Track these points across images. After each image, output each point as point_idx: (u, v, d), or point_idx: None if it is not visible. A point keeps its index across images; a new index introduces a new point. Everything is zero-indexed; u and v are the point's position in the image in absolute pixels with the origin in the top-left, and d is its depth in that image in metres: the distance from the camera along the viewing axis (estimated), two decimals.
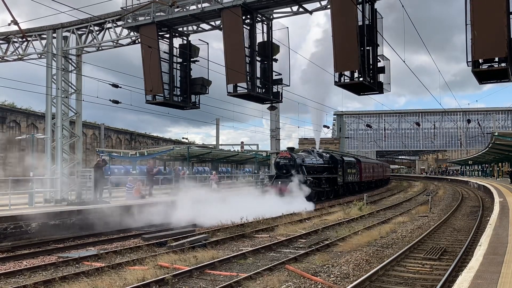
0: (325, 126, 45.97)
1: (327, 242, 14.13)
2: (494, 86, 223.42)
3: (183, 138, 78.95)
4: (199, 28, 19.39)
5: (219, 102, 24.54)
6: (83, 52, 21.48)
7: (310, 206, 24.50)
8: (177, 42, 19.44)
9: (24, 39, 21.00)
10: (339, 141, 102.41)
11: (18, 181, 21.55)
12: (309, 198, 26.42)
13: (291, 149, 30.61)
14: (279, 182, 27.52)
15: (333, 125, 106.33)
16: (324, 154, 34.73)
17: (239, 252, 12.43)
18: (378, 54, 15.35)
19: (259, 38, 17.53)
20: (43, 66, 20.71)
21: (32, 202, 18.40)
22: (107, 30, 19.91)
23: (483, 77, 13.67)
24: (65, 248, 13.91)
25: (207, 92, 19.36)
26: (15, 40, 21.31)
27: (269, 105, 19.65)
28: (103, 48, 20.89)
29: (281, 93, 18.25)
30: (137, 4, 17.98)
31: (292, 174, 27.58)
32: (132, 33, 19.46)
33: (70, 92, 20.97)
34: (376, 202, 30.34)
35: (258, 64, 17.41)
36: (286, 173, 27.97)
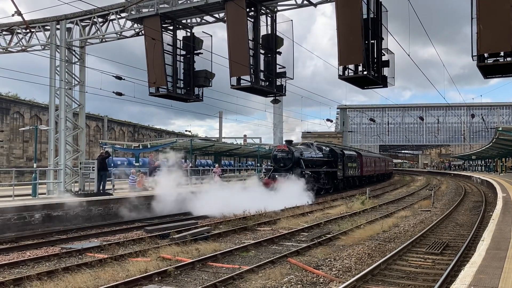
0: (328, 120, 45.92)
1: (330, 235, 14.14)
2: (501, 81, 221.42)
3: (186, 130, 79.04)
4: (203, 21, 19.31)
5: (222, 94, 24.48)
6: (87, 43, 21.45)
7: (307, 200, 24.29)
8: (180, 34, 19.36)
9: (27, 30, 20.97)
10: (342, 135, 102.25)
11: (21, 172, 21.64)
12: (306, 192, 26.16)
13: (289, 142, 30.24)
14: (276, 176, 27.08)
15: (337, 119, 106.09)
16: (323, 147, 34.48)
17: (241, 245, 12.46)
18: (383, 47, 15.26)
19: (263, 31, 17.43)
20: (47, 57, 20.70)
21: (36, 193, 18.48)
22: (110, 22, 19.84)
23: (488, 71, 13.58)
24: (68, 239, 13.99)
25: (210, 84, 19.31)
26: (18, 31, 21.29)
27: (272, 98, 19.58)
28: (106, 40, 20.83)
29: (285, 86, 18.18)
30: None
31: (290, 168, 27.30)
32: (135, 25, 19.40)
33: (73, 84, 20.96)
34: (378, 196, 30.32)
35: (261, 57, 17.32)
36: (284, 166, 27.63)
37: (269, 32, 17.69)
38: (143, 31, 18.81)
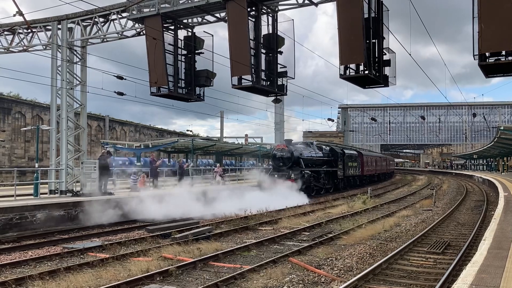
0: (329, 119, 45.89)
1: (331, 235, 14.14)
2: (502, 80, 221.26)
3: (187, 130, 78.97)
4: (204, 20, 19.30)
5: (223, 94, 24.48)
6: (88, 43, 21.46)
7: (305, 200, 24.18)
8: (181, 34, 19.36)
9: (29, 30, 20.97)
10: (344, 135, 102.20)
11: (22, 172, 21.58)
12: (306, 191, 26.06)
13: (289, 141, 30.14)
14: (275, 175, 26.92)
15: (338, 118, 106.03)
16: (323, 146, 34.43)
17: (243, 245, 12.47)
18: (384, 47, 15.24)
19: (264, 30, 17.41)
20: (48, 57, 20.71)
21: (37, 193, 18.50)
22: (112, 22, 19.83)
23: (489, 70, 13.55)
24: (70, 239, 14.01)
25: (211, 84, 19.30)
26: (20, 31, 21.30)
27: (273, 97, 19.57)
28: (108, 39, 20.83)
29: (286, 86, 18.16)
30: None
31: (289, 167, 27.21)
32: (137, 25, 19.39)
33: (75, 84, 20.97)
34: (379, 196, 30.31)
35: (263, 56, 17.31)
36: (283, 166, 27.54)
37: (270, 31, 17.68)
38: (144, 31, 18.81)
